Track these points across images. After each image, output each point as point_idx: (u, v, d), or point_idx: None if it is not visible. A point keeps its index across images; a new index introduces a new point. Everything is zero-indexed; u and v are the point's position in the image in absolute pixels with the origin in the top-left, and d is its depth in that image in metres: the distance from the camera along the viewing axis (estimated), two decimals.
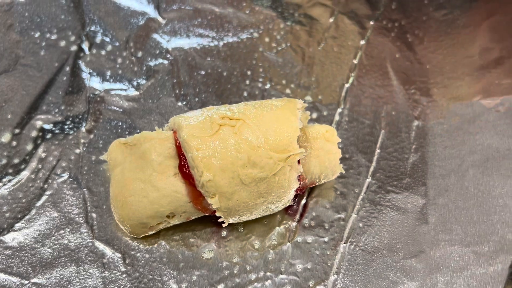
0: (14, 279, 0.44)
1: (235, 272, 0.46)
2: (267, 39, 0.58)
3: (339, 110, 0.54)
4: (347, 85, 0.55)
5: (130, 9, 0.60)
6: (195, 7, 0.60)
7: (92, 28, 0.59)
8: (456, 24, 0.58)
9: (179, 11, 0.60)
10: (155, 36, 0.59)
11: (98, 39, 0.58)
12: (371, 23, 0.58)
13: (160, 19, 0.60)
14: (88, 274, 0.45)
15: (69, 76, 0.56)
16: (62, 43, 0.58)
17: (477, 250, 0.46)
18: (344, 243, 0.47)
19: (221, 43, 0.58)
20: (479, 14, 0.58)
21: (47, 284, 0.44)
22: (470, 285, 0.45)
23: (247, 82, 0.56)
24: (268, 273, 0.46)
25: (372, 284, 0.45)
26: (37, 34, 0.58)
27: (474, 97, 0.53)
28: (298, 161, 0.43)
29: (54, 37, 0.58)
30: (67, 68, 0.56)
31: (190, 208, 0.43)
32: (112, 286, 0.44)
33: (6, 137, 0.51)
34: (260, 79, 0.56)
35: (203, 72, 0.56)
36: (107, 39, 0.58)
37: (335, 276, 0.45)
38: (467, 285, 0.45)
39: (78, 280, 0.45)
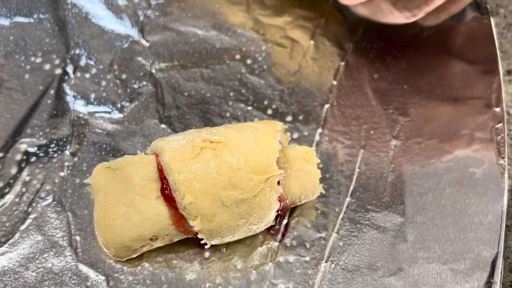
0: None
1: None
2: (249, 61, 0.60)
3: (320, 130, 0.55)
4: (327, 106, 0.56)
5: (114, 32, 0.61)
6: (179, 30, 0.61)
7: (77, 51, 0.60)
8: (432, 45, 0.60)
9: (163, 34, 0.62)
10: (139, 59, 0.60)
11: (83, 62, 0.59)
12: (350, 45, 0.60)
13: (144, 42, 0.61)
14: None
15: (53, 99, 0.56)
16: (47, 67, 0.58)
17: (454, 267, 0.47)
18: (325, 262, 0.48)
19: (204, 65, 0.59)
20: (454, 36, 0.60)
21: None
22: None
23: (230, 103, 0.57)
24: None
25: None
26: (22, 58, 0.59)
27: (449, 117, 0.55)
28: (278, 182, 0.44)
29: (38, 60, 0.59)
30: (52, 91, 0.57)
31: (173, 230, 0.44)
32: None
33: None
34: (243, 100, 0.57)
35: (186, 94, 0.57)
36: (92, 62, 0.59)
37: None
38: None
39: None
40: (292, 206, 0.49)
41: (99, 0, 0.64)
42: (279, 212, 0.46)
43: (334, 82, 0.58)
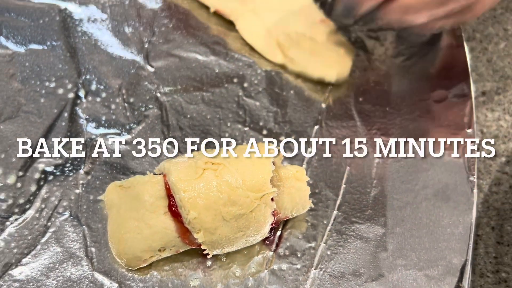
0: None
1: None
2: (245, 84, 0.63)
3: (310, 149, 0.59)
4: (316, 127, 0.60)
5: (122, 59, 0.64)
6: (181, 56, 0.65)
7: (88, 77, 0.62)
8: (412, 70, 0.64)
9: (166, 60, 0.64)
10: (145, 83, 0.62)
11: (93, 86, 0.61)
12: None
13: (149, 67, 0.63)
14: None
15: (67, 122, 0.58)
16: (60, 91, 0.61)
17: (428, 273, 0.51)
18: (314, 269, 0.52)
19: (205, 89, 0.62)
20: (432, 62, 0.64)
21: None
22: None
23: (228, 124, 0.60)
24: None
25: None
26: (37, 83, 0.61)
27: (426, 137, 0.59)
28: (272, 199, 0.48)
29: (52, 85, 0.61)
30: (66, 114, 0.59)
31: (179, 242, 0.48)
32: None
33: (11, 179, 0.55)
34: (240, 122, 0.60)
35: (188, 116, 0.60)
36: (102, 87, 0.61)
37: None
38: None
39: None
40: (285, 219, 0.53)
41: (107, 28, 0.66)
42: (273, 225, 0.50)
43: (323, 105, 0.62)
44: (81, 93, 0.61)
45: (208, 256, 0.49)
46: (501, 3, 0.78)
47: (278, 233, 0.54)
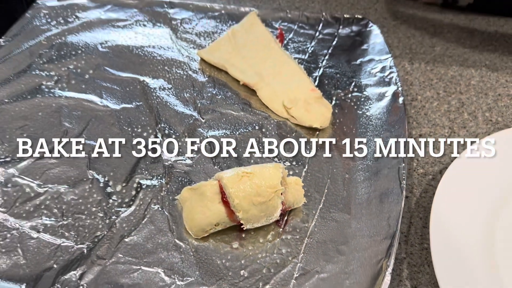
0: (133, 259, 0.66)
1: (250, 254, 0.67)
2: (263, 129, 0.83)
3: (305, 169, 0.78)
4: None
5: (184, 114, 0.86)
6: (221, 112, 0.87)
7: (162, 125, 0.83)
8: (370, 120, 0.90)
9: (212, 114, 0.86)
10: (199, 129, 0.83)
11: (166, 131, 0.82)
12: None
13: (201, 119, 0.85)
14: (173, 256, 0.66)
15: (151, 153, 0.81)
16: (145, 134, 0.82)
17: (374, 239, 0.67)
18: (307, 238, 0.68)
19: (237, 133, 0.83)
20: (383, 114, 0.87)
21: (151, 262, 0.66)
22: (371, 256, 0.65)
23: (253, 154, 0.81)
24: (268, 254, 0.67)
25: (321, 258, 0.66)
26: (129, 129, 0.82)
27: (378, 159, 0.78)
28: (282, 194, 0.65)
29: (139, 130, 0.82)
30: (150, 148, 0.81)
31: (227, 219, 0.66)
32: (186, 261, 0.66)
33: (118, 188, 0.75)
34: (260, 151, 0.81)
35: (227, 149, 0.82)
36: (172, 132, 0.82)
37: (302, 254, 0.67)
38: (370, 256, 0.65)
39: (168, 259, 0.66)
40: (289, 209, 0.70)
41: (172, 94, 0.91)
42: (282, 211, 0.66)
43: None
44: (159, 135, 0.82)
45: (244, 229, 0.66)
46: (436, 75, 1.09)
47: (285, 218, 0.71)
